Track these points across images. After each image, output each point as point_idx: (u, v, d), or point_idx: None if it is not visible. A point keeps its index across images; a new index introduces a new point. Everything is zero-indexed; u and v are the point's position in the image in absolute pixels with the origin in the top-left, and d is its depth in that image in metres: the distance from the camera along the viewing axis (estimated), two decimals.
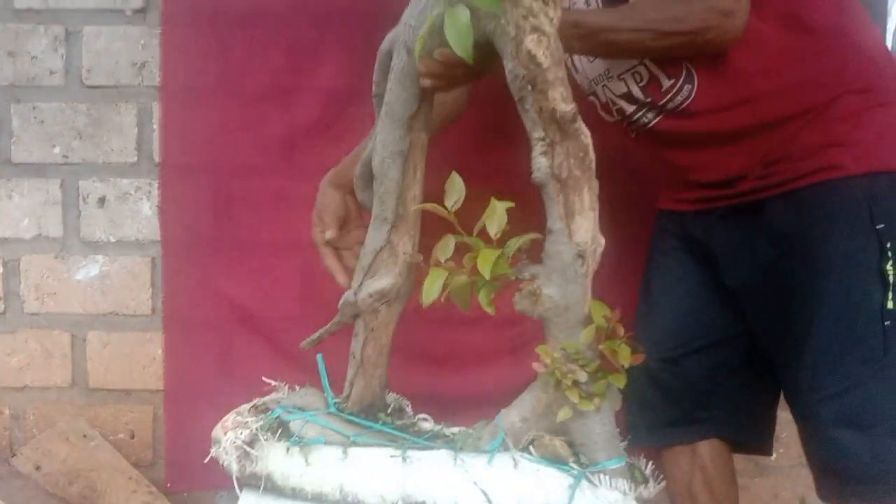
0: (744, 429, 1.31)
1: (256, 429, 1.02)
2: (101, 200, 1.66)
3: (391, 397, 1.18)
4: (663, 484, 0.95)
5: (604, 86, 1.27)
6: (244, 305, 1.66)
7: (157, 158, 1.65)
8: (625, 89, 1.23)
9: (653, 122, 1.22)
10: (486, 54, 0.91)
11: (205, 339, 1.67)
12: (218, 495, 1.66)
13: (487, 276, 0.87)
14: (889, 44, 1.72)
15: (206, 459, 1.07)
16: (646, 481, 0.91)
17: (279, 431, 1.04)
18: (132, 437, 1.70)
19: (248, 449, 1.01)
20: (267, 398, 1.16)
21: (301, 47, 1.62)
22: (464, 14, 0.81)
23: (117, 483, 1.57)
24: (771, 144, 1.14)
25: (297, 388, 1.19)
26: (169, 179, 1.64)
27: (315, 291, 1.65)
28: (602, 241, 0.94)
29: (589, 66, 1.28)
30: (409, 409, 1.15)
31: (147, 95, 1.64)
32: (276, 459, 1.01)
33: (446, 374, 1.66)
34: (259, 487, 1.02)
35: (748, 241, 1.18)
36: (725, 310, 1.26)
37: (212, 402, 1.66)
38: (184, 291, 1.66)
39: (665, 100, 1.18)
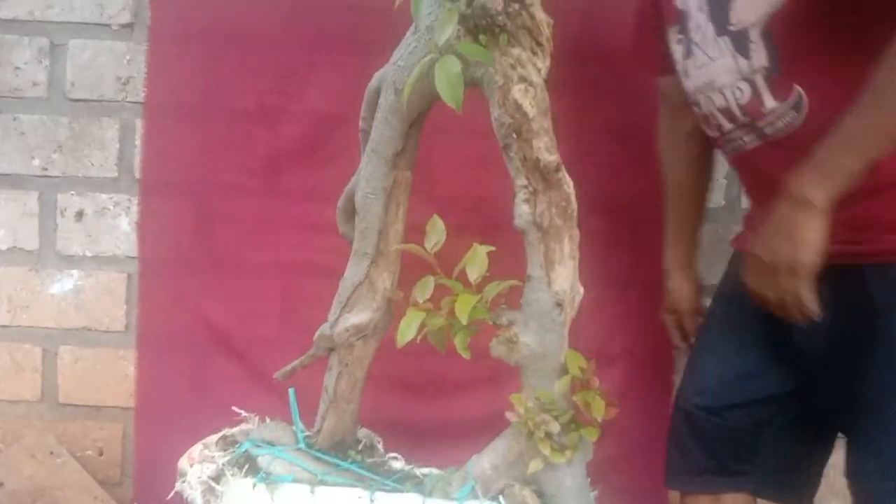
0: (782, 487, 1.28)
1: (223, 464, 1.01)
2: (79, 214, 1.64)
3: (363, 433, 1.17)
4: None
5: (707, 96, 1.21)
6: (220, 326, 1.65)
7: (137, 175, 1.63)
8: (724, 103, 1.17)
9: (749, 146, 1.17)
10: None
11: (179, 358, 1.65)
12: None
13: (465, 321, 0.87)
14: None
15: (171, 495, 1.06)
16: None
17: (246, 467, 1.04)
18: (100, 454, 1.67)
19: (212, 484, 1.00)
20: (236, 429, 1.15)
21: (289, 69, 1.62)
22: (454, 64, 0.82)
23: (83, 503, 1.54)
24: (862, 208, 1.06)
25: (268, 419, 1.19)
26: (149, 196, 1.63)
27: (293, 315, 1.65)
28: (581, 290, 0.95)
29: (695, 73, 1.22)
30: (380, 447, 1.15)
31: (130, 111, 1.63)
32: (242, 495, 1.00)
33: (422, 401, 1.65)
34: None
35: (829, 304, 1.06)
36: (783, 367, 1.21)
37: (183, 423, 1.66)
38: (159, 309, 1.64)
39: (764, 123, 1.12)
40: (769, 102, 1.12)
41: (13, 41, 1.61)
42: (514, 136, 0.90)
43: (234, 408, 1.21)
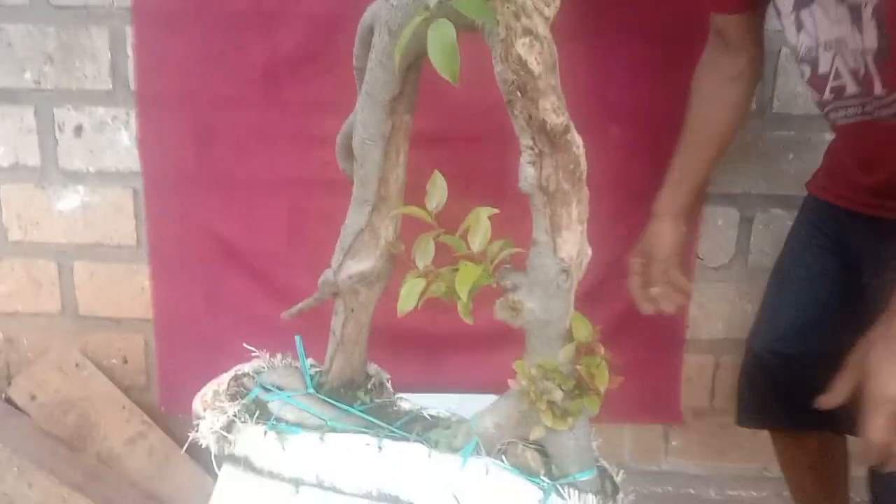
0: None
1: (234, 413, 1.03)
2: (78, 129, 1.59)
3: (372, 369, 1.18)
4: (633, 497, 0.97)
5: (836, 53, 1.13)
6: (229, 240, 1.64)
7: (132, 86, 1.56)
8: (854, 65, 1.11)
9: (860, 118, 1.14)
10: None
11: (191, 272, 1.66)
12: None
13: (465, 298, 0.85)
14: None
15: (191, 437, 1.08)
16: (616, 492, 0.93)
17: (257, 412, 1.05)
18: (125, 362, 1.73)
19: (225, 434, 1.02)
20: (247, 368, 1.16)
21: None
22: (450, 31, 0.73)
23: (111, 413, 1.61)
24: None
25: (279, 356, 1.19)
26: (146, 110, 1.57)
27: (300, 227, 1.64)
28: (589, 251, 0.91)
29: (826, 25, 1.12)
30: (388, 385, 1.16)
31: (119, 18, 1.53)
32: (254, 442, 1.03)
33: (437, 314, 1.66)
34: (238, 467, 1.04)
35: None
36: (855, 319, 1.16)
37: (201, 332, 1.70)
38: (168, 225, 1.64)
39: (873, 107, 1.10)
40: (878, 88, 1.08)
41: None
42: (518, 94, 0.82)
43: (245, 345, 1.21)
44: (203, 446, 1.08)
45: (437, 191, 0.93)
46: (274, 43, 1.53)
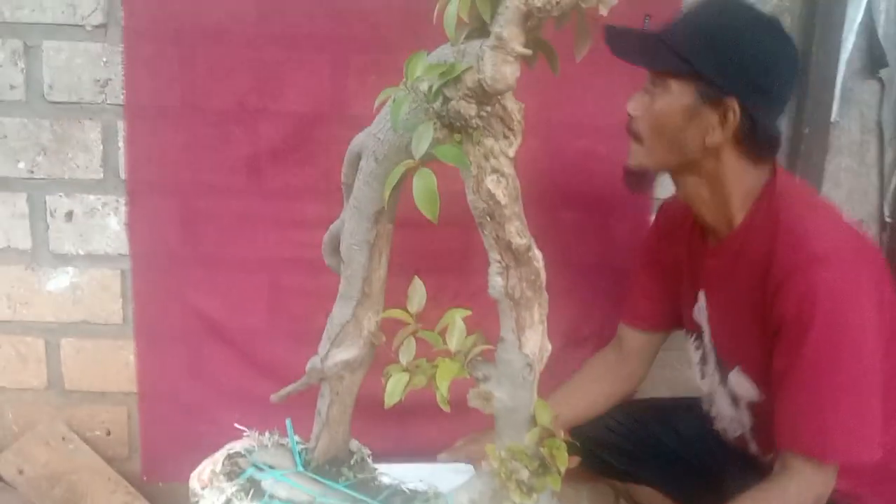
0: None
1: (231, 494, 1.13)
2: (69, 215, 1.69)
3: (354, 445, 1.30)
4: None
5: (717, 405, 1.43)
6: (212, 317, 1.75)
7: (122, 175, 1.67)
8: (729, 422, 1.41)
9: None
10: None
11: (175, 347, 1.76)
12: None
13: (444, 392, 0.98)
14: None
15: None
16: None
17: (252, 490, 1.16)
18: (108, 434, 1.81)
19: None
20: (239, 446, 1.26)
21: (267, 69, 1.63)
22: (431, 180, 0.88)
23: (97, 484, 1.69)
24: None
25: (268, 434, 1.30)
26: (136, 197, 1.68)
27: (280, 305, 1.75)
28: (549, 347, 1.05)
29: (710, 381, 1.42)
30: (369, 461, 1.27)
31: (112, 113, 1.65)
32: None
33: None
34: None
35: None
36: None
37: (183, 403, 1.79)
38: (153, 303, 1.73)
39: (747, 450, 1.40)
40: (753, 448, 1.37)
41: None
42: (488, 218, 0.97)
43: (236, 425, 1.31)
44: None
45: (417, 295, 1.06)
46: (257, 136, 1.67)
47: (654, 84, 1.20)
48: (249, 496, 1.16)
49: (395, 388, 1.02)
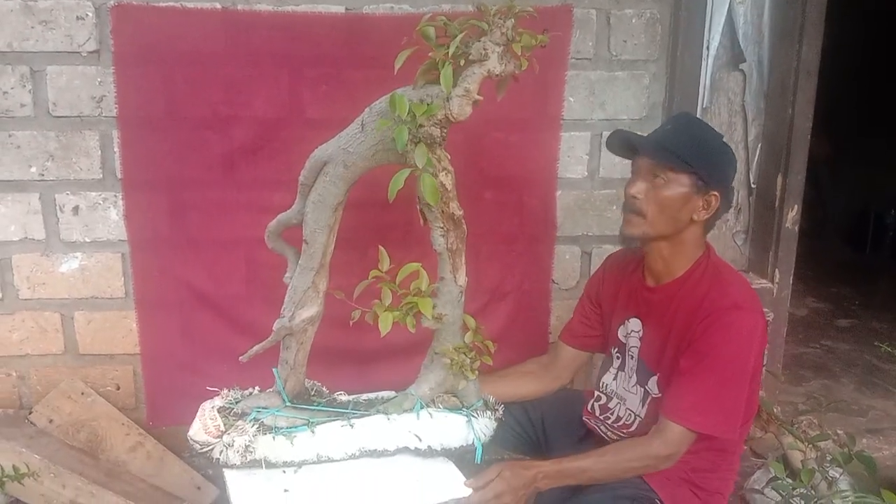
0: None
1: (254, 431, 1.51)
2: (76, 209, 2.04)
3: (309, 383, 1.69)
4: (501, 409, 1.62)
5: (617, 402, 1.76)
6: (199, 288, 2.12)
7: (119, 175, 2.02)
8: (622, 415, 1.74)
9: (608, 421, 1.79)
10: None
11: (169, 315, 2.13)
12: None
13: (430, 315, 1.45)
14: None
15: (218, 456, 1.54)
16: (496, 404, 1.63)
17: (257, 426, 1.54)
18: (118, 388, 2.18)
19: (251, 446, 1.50)
20: (220, 402, 1.59)
21: (235, 83, 1.98)
22: (433, 180, 1.35)
23: (114, 429, 2.07)
24: None
25: (256, 389, 1.66)
26: (131, 192, 2.03)
27: (255, 276, 2.13)
28: (466, 279, 1.50)
29: (621, 385, 1.75)
30: (324, 389, 1.68)
31: (107, 124, 1.99)
32: (267, 446, 1.51)
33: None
34: (261, 467, 1.51)
35: None
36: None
37: (178, 361, 2.17)
38: (150, 279, 2.10)
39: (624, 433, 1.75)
40: (629, 434, 1.71)
41: None
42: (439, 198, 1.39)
43: (208, 387, 1.65)
44: (216, 458, 1.52)
45: (384, 259, 1.49)
46: (229, 138, 2.03)
47: (655, 175, 1.57)
48: (262, 430, 1.53)
49: (386, 322, 1.44)
